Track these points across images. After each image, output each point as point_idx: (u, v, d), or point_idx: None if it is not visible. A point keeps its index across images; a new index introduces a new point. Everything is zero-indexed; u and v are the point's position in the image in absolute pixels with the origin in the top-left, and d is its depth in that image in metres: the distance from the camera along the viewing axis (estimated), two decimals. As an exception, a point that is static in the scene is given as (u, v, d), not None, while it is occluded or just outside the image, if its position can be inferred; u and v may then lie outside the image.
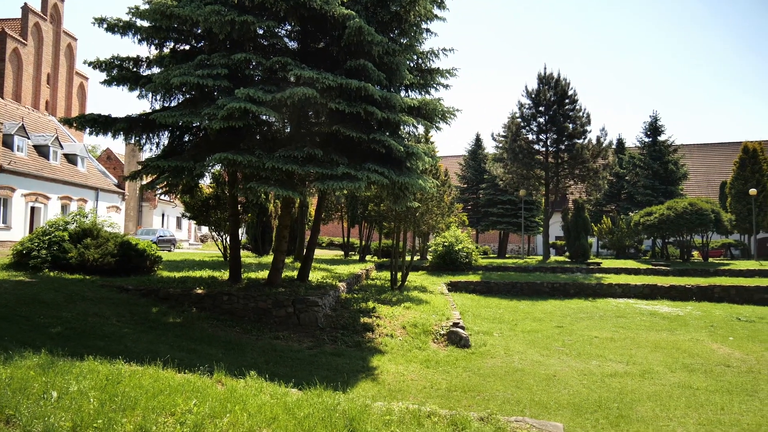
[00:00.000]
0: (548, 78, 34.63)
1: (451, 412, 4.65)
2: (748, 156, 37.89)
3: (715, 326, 15.63)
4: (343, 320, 12.58)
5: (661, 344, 13.01)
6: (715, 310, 19.17)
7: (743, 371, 10.58)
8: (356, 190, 12.03)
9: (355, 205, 30.81)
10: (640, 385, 9.38)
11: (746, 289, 22.46)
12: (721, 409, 8.16)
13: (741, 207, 37.15)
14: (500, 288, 23.45)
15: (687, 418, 7.74)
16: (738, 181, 37.74)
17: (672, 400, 8.54)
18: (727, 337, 14.10)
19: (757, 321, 16.67)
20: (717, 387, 9.39)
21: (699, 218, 30.35)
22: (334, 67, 11.64)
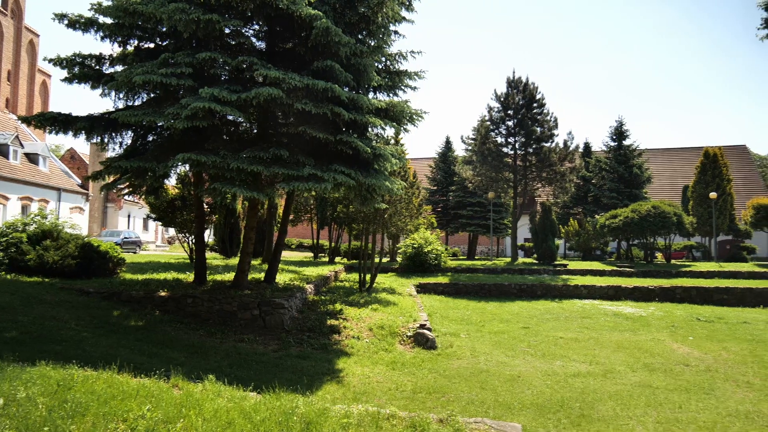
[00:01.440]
0: (517, 82, 35.06)
1: (411, 414, 4.64)
2: (709, 161, 38.94)
3: (676, 326, 15.99)
4: (310, 322, 12.49)
5: (623, 344, 13.25)
6: (676, 310, 19.61)
7: (701, 370, 10.84)
8: (323, 192, 11.97)
9: (325, 206, 30.69)
10: (602, 385, 9.53)
11: (706, 290, 23.05)
12: (679, 408, 8.34)
13: (702, 210, 38.15)
14: (468, 289, 23.60)
15: (646, 416, 7.89)
16: (699, 185, 38.75)
17: (632, 399, 8.69)
18: (687, 336, 14.44)
19: (716, 321, 17.11)
20: (676, 386, 9.59)
21: (662, 221, 31.05)
22: (301, 68, 11.57)
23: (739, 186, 50.72)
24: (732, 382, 9.97)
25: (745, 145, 62.68)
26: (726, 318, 17.74)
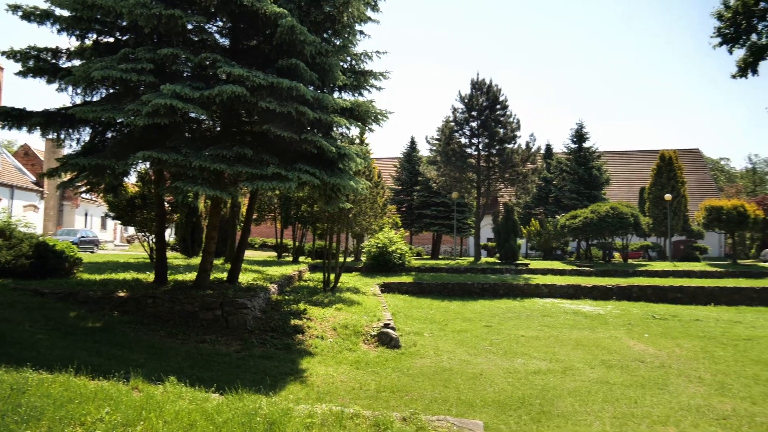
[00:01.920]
0: (481, 84, 35.49)
1: (375, 413, 4.67)
2: (664, 163, 40.20)
3: (633, 324, 16.45)
4: (274, 322, 12.39)
5: (582, 342, 13.56)
6: (633, 308, 20.18)
7: (656, 366, 11.19)
8: (287, 191, 11.90)
9: (289, 205, 30.46)
10: (562, 382, 9.74)
11: (661, 289, 23.83)
12: (634, 403, 8.59)
13: (658, 211, 39.34)
14: (432, 289, 23.80)
15: (603, 412, 8.10)
16: (655, 187, 39.95)
17: (590, 395, 8.91)
18: (643, 334, 14.87)
19: (670, 319, 17.68)
20: (632, 382, 9.88)
21: (620, 222, 31.88)
22: (266, 66, 11.46)
23: (693, 188, 52.48)
24: (684, 377, 10.32)
25: (699, 149, 64.94)
26: (679, 316, 18.35)
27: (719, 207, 33.45)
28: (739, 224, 33.21)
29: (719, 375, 10.54)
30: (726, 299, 23.09)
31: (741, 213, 32.68)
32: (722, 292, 23.52)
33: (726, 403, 8.68)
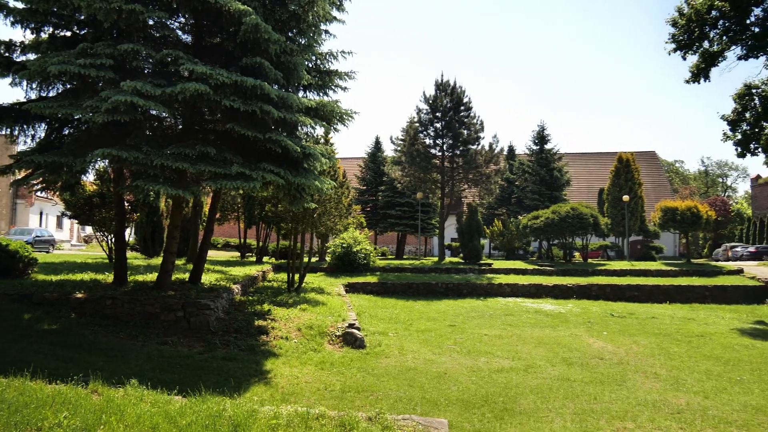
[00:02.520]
0: (445, 85, 35.77)
1: (340, 413, 4.68)
2: (622, 165, 41.27)
3: (592, 322, 16.84)
4: (237, 323, 12.25)
5: (544, 340, 13.82)
6: (592, 307, 20.66)
7: (614, 363, 11.49)
8: (251, 190, 11.78)
9: (252, 205, 30.11)
10: (524, 379, 9.91)
11: (619, 288, 24.48)
12: (594, 399, 8.80)
13: (616, 212, 40.36)
14: (397, 288, 23.88)
15: (564, 408, 8.28)
16: (614, 188, 40.98)
17: (552, 392, 9.09)
18: (602, 332, 15.24)
19: (628, 316, 18.16)
20: (591, 378, 10.12)
21: (579, 222, 32.56)
22: (230, 64, 11.32)
23: (649, 189, 53.99)
24: (641, 373, 10.63)
25: (655, 152, 66.96)
26: (637, 314, 18.86)
27: (674, 208, 34.47)
28: (693, 225, 34.30)
29: (674, 371, 10.89)
30: (680, 297, 23.85)
31: (694, 214, 33.76)
32: (677, 290, 24.30)
33: (680, 398, 8.98)
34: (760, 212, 54.96)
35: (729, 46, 22.15)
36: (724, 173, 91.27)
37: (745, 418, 8.03)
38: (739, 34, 21.66)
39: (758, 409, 8.48)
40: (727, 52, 22.39)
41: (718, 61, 22.72)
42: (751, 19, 21.50)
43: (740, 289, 24.73)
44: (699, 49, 22.83)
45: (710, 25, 22.03)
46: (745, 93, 22.92)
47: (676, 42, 23.13)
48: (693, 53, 23.08)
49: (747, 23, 21.53)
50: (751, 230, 51.94)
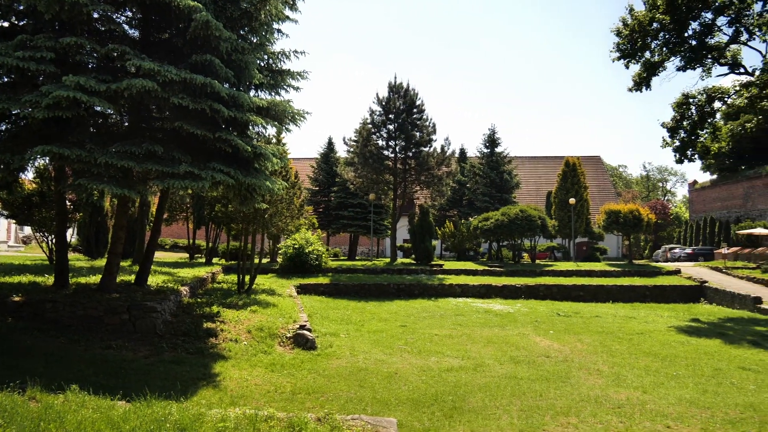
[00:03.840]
0: (398, 87, 35.98)
1: (289, 414, 4.65)
2: (569, 169, 42.48)
3: (539, 321, 17.28)
4: (185, 326, 11.99)
5: (493, 339, 14.09)
6: (539, 306, 21.19)
7: (560, 360, 11.83)
8: (200, 190, 11.56)
9: (202, 205, 29.54)
10: (473, 378, 10.09)
11: (565, 288, 25.20)
12: (540, 396, 9.04)
13: (563, 214, 41.52)
14: (349, 290, 23.88)
15: (511, 405, 8.48)
16: (561, 191, 42.14)
17: (499, 390, 9.29)
18: (549, 330, 15.66)
19: (573, 316, 18.72)
20: (538, 376, 10.39)
21: (528, 224, 33.33)
22: (179, 61, 11.08)
23: (594, 193, 55.79)
24: (585, 370, 10.99)
25: (600, 156, 69.26)
26: (581, 313, 19.47)
27: (617, 211, 35.70)
28: (635, 227, 35.62)
29: (615, 367, 11.31)
30: (623, 297, 24.76)
31: (636, 217, 35.07)
32: (619, 290, 25.21)
33: (621, 393, 9.33)
34: (696, 215, 57.63)
35: (669, 57, 23.19)
36: (664, 178, 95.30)
37: (680, 410, 8.42)
38: (678, 46, 22.70)
39: (692, 402, 8.90)
40: (667, 62, 23.46)
41: (658, 71, 23.75)
42: (689, 32, 22.56)
43: (678, 288, 25.86)
44: (641, 58, 23.82)
45: (652, 36, 23.01)
46: (683, 102, 24.02)
47: (620, 51, 24.06)
48: (635, 62, 24.06)
49: (685, 36, 22.59)
50: (688, 233, 54.40)
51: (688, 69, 23.09)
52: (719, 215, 52.65)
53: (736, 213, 50.93)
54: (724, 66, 23.44)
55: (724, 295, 23.94)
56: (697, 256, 42.60)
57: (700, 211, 57.60)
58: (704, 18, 22.49)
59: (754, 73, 22.50)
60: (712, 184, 56.56)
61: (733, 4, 21.79)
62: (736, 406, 8.77)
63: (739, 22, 22.34)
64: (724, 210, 52.89)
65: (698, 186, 59.73)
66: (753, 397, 9.30)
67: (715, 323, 18.29)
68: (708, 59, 23.14)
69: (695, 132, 24.07)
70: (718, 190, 54.92)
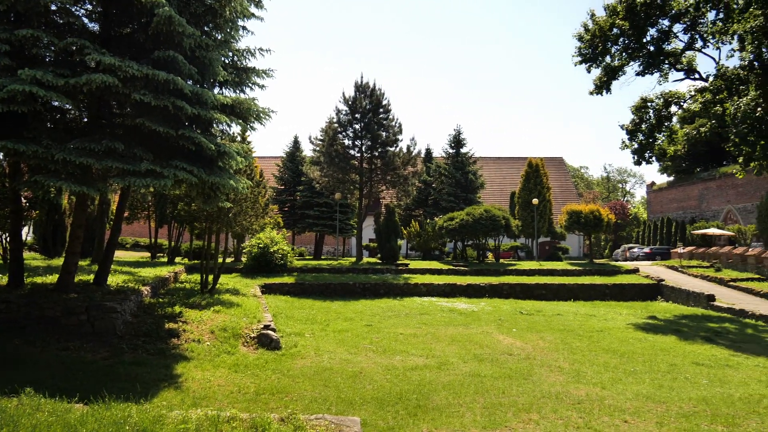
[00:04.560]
0: (364, 87, 35.98)
1: (252, 415, 4.62)
2: (532, 170, 43.22)
3: (503, 320, 17.53)
4: (146, 327, 11.77)
5: (457, 338, 14.24)
6: (503, 305, 21.50)
7: (522, 358, 12.03)
8: (163, 188, 11.33)
9: (164, 203, 28.99)
10: (437, 376, 10.18)
11: (528, 287, 25.64)
12: (502, 393, 9.19)
13: (526, 214, 42.22)
14: (314, 289, 23.80)
15: (475, 403, 8.59)
16: (524, 191, 42.84)
17: (463, 388, 9.39)
18: (512, 329, 15.90)
19: (535, 314, 19.06)
20: (501, 373, 10.54)
21: (492, 224, 33.78)
22: (141, 56, 10.85)
23: (557, 194, 56.88)
24: (546, 367, 11.20)
25: (562, 158, 70.58)
26: (544, 311, 19.83)
27: (578, 211, 36.49)
28: (595, 227, 36.47)
29: (576, 364, 11.56)
30: (583, 295, 25.35)
31: (597, 217, 35.91)
32: (580, 288, 25.79)
33: (581, 389, 9.55)
34: (654, 216, 59.32)
35: (628, 62, 23.84)
36: (624, 179, 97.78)
37: (636, 405, 8.67)
38: (637, 51, 23.36)
39: (648, 396, 9.18)
40: (627, 67, 24.10)
41: (618, 75, 24.38)
42: (647, 38, 23.23)
43: (636, 287, 26.61)
44: (602, 63, 24.42)
45: (612, 41, 23.60)
46: (642, 106, 24.71)
47: (582, 55, 24.60)
48: (596, 67, 24.64)
49: (644, 42, 23.25)
50: (646, 232, 55.96)
51: (646, 74, 23.78)
52: (676, 216, 54.32)
53: (692, 213, 52.62)
54: (680, 71, 24.21)
55: (680, 293, 24.72)
56: (654, 256, 43.84)
57: (657, 211, 59.33)
58: (662, 25, 23.21)
59: (708, 79, 23.29)
60: (669, 186, 58.33)
61: (688, 12, 22.53)
62: (689, 400, 9.08)
63: (695, 29, 23.13)
64: (681, 211, 54.60)
65: (656, 187, 61.51)
66: (705, 391, 9.64)
67: (671, 320, 18.88)
68: (665, 65, 23.88)
69: (653, 135, 24.78)
70: (675, 192, 56.67)
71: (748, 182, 42.74)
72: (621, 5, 22.85)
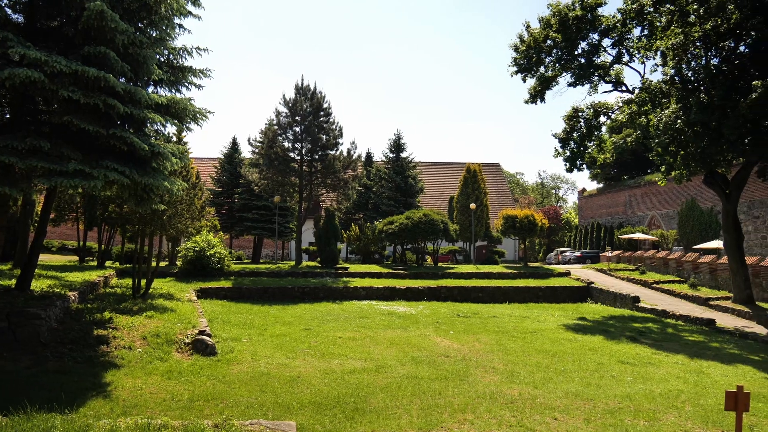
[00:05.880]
0: (305, 89, 35.74)
1: (185, 422, 4.53)
2: (470, 175, 44.17)
3: (440, 322, 17.81)
4: (73, 334, 11.26)
5: (395, 341, 14.36)
6: (441, 308, 21.83)
7: (458, 360, 12.27)
8: (92, 189, 10.90)
9: (94, 205, 27.79)
10: (375, 379, 10.24)
11: (465, 289, 26.15)
12: (439, 394, 9.34)
13: (464, 219, 43.08)
14: (252, 293, 23.43)
15: (411, 404, 8.70)
16: (462, 196, 43.71)
17: (400, 390, 9.49)
18: (449, 331, 16.18)
19: (472, 316, 19.45)
20: (437, 375, 10.72)
21: (431, 228, 34.24)
22: (70, 51, 10.43)
23: (494, 198, 58.29)
24: (482, 368, 11.47)
25: (499, 164, 72.48)
26: (480, 313, 20.28)
27: (514, 216, 37.54)
28: (530, 231, 37.61)
29: (510, 364, 11.90)
30: (518, 297, 26.09)
31: (531, 222, 37.05)
32: (515, 291, 26.54)
33: (514, 389, 9.84)
34: (585, 221, 61.80)
35: (561, 73, 24.81)
36: (557, 185, 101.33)
37: (566, 403, 9.02)
38: (569, 62, 24.36)
39: (577, 394, 9.57)
40: (560, 77, 25.08)
41: (552, 85, 25.33)
42: (579, 51, 24.26)
43: (567, 289, 27.62)
44: (536, 73, 25.27)
45: (546, 52, 24.49)
46: (573, 115, 25.75)
47: (518, 65, 25.40)
48: (531, 77, 25.50)
49: (576, 54, 24.27)
50: (577, 237, 58.24)
51: (577, 85, 24.81)
52: (605, 221, 56.78)
53: (619, 219, 55.14)
54: (608, 84, 25.39)
55: (608, 295, 25.85)
56: (585, 259, 45.64)
57: (588, 216, 61.84)
58: (592, 39, 24.28)
59: (634, 92, 24.54)
60: (599, 192, 60.93)
61: (616, 28, 23.69)
62: (615, 396, 9.53)
63: (622, 44, 24.34)
64: (609, 216, 57.11)
65: (587, 194, 64.12)
66: (629, 388, 10.15)
67: (599, 321, 19.71)
68: (595, 77, 24.98)
69: (584, 144, 25.86)
70: (604, 198, 59.24)
71: (670, 190, 45.21)
72: (554, 18, 23.77)
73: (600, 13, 23.85)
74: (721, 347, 15.30)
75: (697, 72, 19.69)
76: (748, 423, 8.27)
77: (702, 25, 18.84)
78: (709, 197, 38.76)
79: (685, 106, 19.27)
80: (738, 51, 19.09)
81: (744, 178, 22.21)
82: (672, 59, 20.16)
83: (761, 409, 9.13)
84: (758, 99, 16.41)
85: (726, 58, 18.86)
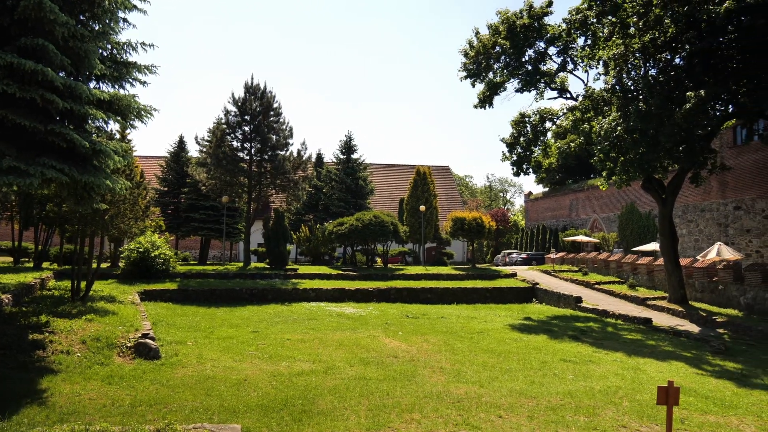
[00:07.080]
0: (255, 88, 35.26)
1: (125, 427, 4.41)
2: (420, 177, 44.58)
3: (389, 323, 17.90)
4: (6, 338, 10.74)
5: (344, 342, 14.34)
6: (390, 309, 21.94)
7: (407, 360, 12.36)
8: (28, 188, 10.43)
9: (30, 204, 26.57)
10: (323, 381, 10.20)
11: (415, 291, 26.38)
12: (387, 395, 9.39)
13: (414, 221, 43.43)
14: (199, 295, 22.95)
15: (360, 405, 8.71)
16: (412, 198, 44.07)
17: (349, 392, 9.49)
18: (398, 332, 16.28)
19: (421, 317, 19.64)
20: (386, 376, 10.77)
21: (381, 229, 34.37)
22: (4, 43, 9.94)
23: (443, 201, 58.99)
24: (430, 368, 11.60)
25: (448, 166, 73.49)
26: (429, 314, 20.49)
27: (462, 218, 38.08)
28: (478, 233, 38.24)
29: (457, 364, 12.08)
30: (466, 298, 26.51)
31: (479, 224, 37.68)
32: (463, 292, 26.95)
33: (461, 388, 10.00)
34: (531, 223, 63.38)
35: (509, 79, 25.41)
36: (505, 189, 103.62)
37: (511, 401, 9.23)
38: (516, 69, 24.99)
39: (521, 392, 9.81)
40: (507, 83, 25.70)
41: (500, 91, 25.91)
42: (526, 58, 24.92)
43: (514, 290, 28.25)
44: (485, 78, 25.80)
45: (494, 58, 25.03)
46: (520, 121, 26.42)
47: (467, 71, 25.87)
48: (480, 82, 26.01)
49: (523, 60, 24.92)
50: (524, 239, 59.64)
51: (524, 91, 25.47)
52: (550, 223, 58.36)
53: (564, 222, 56.79)
54: (554, 90, 26.18)
55: (552, 295, 26.58)
56: (531, 261, 46.75)
57: (534, 219, 63.42)
58: (538, 46, 25.00)
59: (577, 99, 25.38)
60: (545, 196, 62.58)
61: (561, 37, 24.46)
62: (557, 394, 9.82)
63: (567, 53, 25.15)
64: (554, 219, 58.74)
65: (533, 197, 65.76)
66: (571, 386, 10.47)
67: (543, 321, 20.25)
68: (541, 83, 25.71)
69: (530, 148, 26.57)
70: (549, 201, 60.89)
71: (611, 194, 46.86)
72: (503, 25, 24.34)
73: (546, 22, 24.58)
74: (657, 345, 15.99)
75: (636, 82, 20.51)
76: (680, 416, 8.68)
77: (641, 38, 19.65)
78: (647, 202, 40.35)
79: (625, 114, 20.05)
80: (674, 63, 20.00)
81: (679, 184, 23.27)
82: (613, 69, 20.94)
83: (692, 403, 9.60)
84: (692, 109, 17.25)
85: (663, 70, 19.72)
